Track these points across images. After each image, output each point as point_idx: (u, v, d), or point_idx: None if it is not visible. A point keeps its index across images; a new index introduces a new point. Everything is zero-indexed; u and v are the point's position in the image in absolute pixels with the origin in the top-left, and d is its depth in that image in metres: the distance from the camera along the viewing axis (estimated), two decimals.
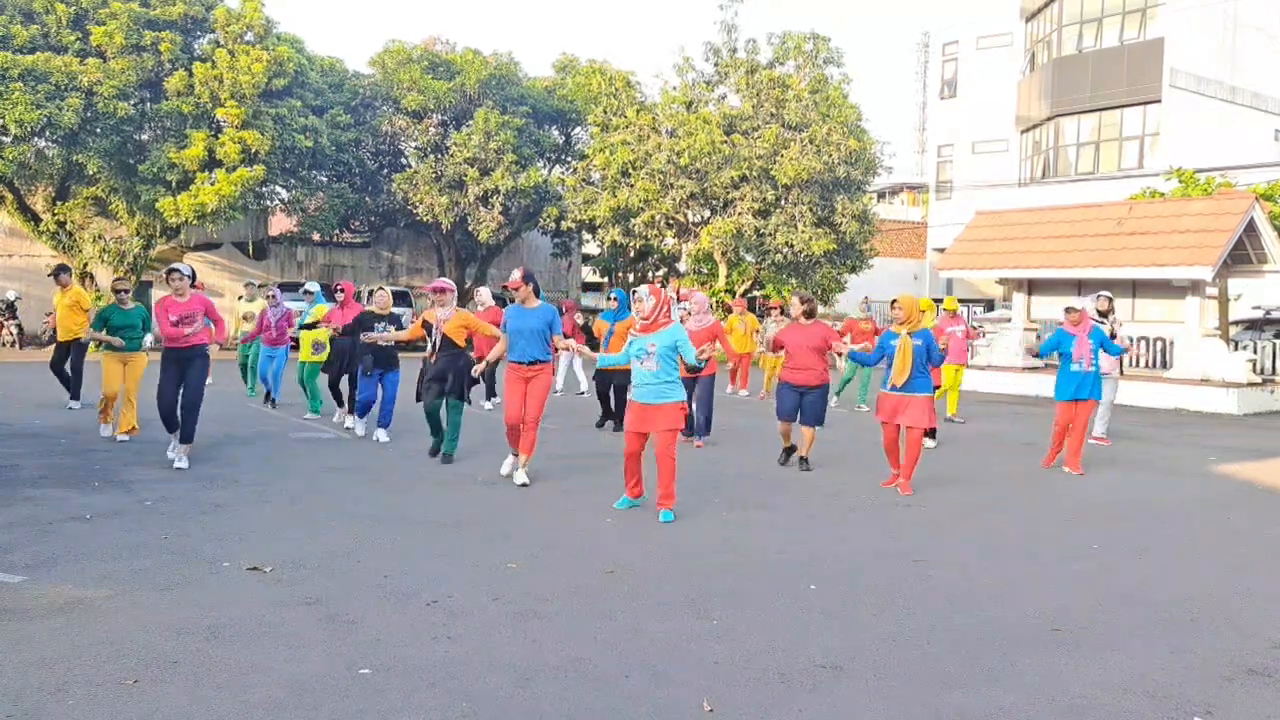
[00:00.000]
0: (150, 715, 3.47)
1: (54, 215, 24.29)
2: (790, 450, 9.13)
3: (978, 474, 9.09)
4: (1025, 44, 31.41)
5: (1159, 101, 26.66)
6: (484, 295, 12.92)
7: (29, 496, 6.95)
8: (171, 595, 4.81)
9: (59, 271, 12.20)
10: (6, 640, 4.14)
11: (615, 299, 11.06)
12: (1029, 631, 4.59)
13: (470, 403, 9.04)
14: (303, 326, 11.71)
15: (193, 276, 8.63)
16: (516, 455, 7.97)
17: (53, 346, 12.21)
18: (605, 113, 25.53)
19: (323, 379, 11.43)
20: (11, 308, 24.18)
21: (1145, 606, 5.04)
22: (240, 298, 14.84)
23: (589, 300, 34.19)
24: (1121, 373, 11.50)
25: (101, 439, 9.63)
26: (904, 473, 8.01)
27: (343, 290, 11.13)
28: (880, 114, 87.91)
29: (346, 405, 10.89)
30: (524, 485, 7.77)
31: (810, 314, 8.92)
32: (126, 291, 9.79)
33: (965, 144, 33.15)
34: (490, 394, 13.30)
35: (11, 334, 23.83)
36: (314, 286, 12.56)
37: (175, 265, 8.62)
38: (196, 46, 23.51)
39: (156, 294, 24.49)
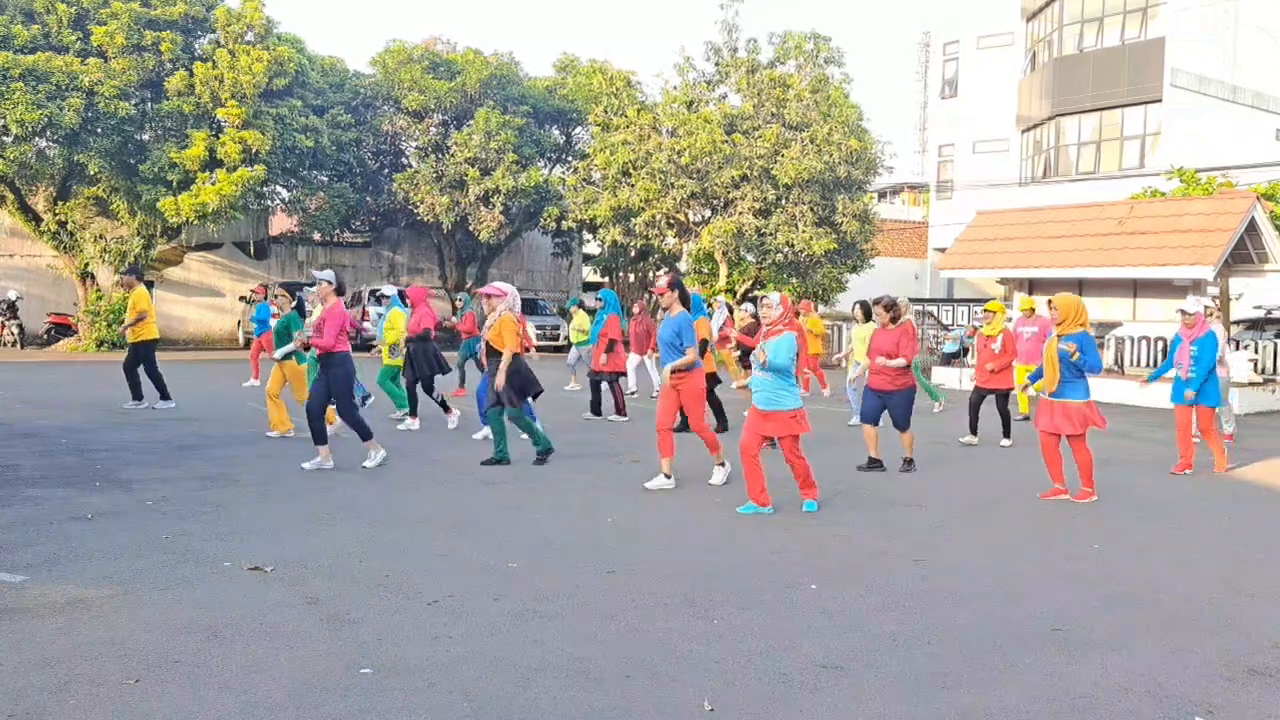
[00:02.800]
0: (151, 714, 3.47)
1: (55, 215, 24.31)
2: (874, 461, 9.02)
3: (978, 474, 9.08)
4: (1026, 43, 31.39)
5: (1160, 101, 26.65)
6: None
7: (30, 496, 6.96)
8: (172, 595, 4.81)
9: (129, 272, 12.65)
10: (8, 640, 4.14)
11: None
12: (1029, 631, 4.59)
13: (513, 405, 8.60)
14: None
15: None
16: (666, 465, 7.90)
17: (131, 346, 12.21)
18: (606, 112, 25.53)
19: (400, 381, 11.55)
20: (13, 307, 24.19)
21: (1145, 606, 5.04)
22: (241, 298, 14.85)
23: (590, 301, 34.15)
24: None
25: (102, 439, 9.64)
26: (1083, 479, 7.75)
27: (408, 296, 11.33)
28: (881, 114, 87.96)
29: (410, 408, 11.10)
30: (723, 484, 7.93)
31: (895, 319, 8.90)
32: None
33: (966, 143, 33.13)
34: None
35: (12, 334, 23.84)
36: (389, 290, 12.46)
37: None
38: (197, 46, 23.53)
39: (158, 293, 24.52)
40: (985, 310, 11.19)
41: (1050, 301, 7.94)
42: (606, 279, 32.56)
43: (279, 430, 10.04)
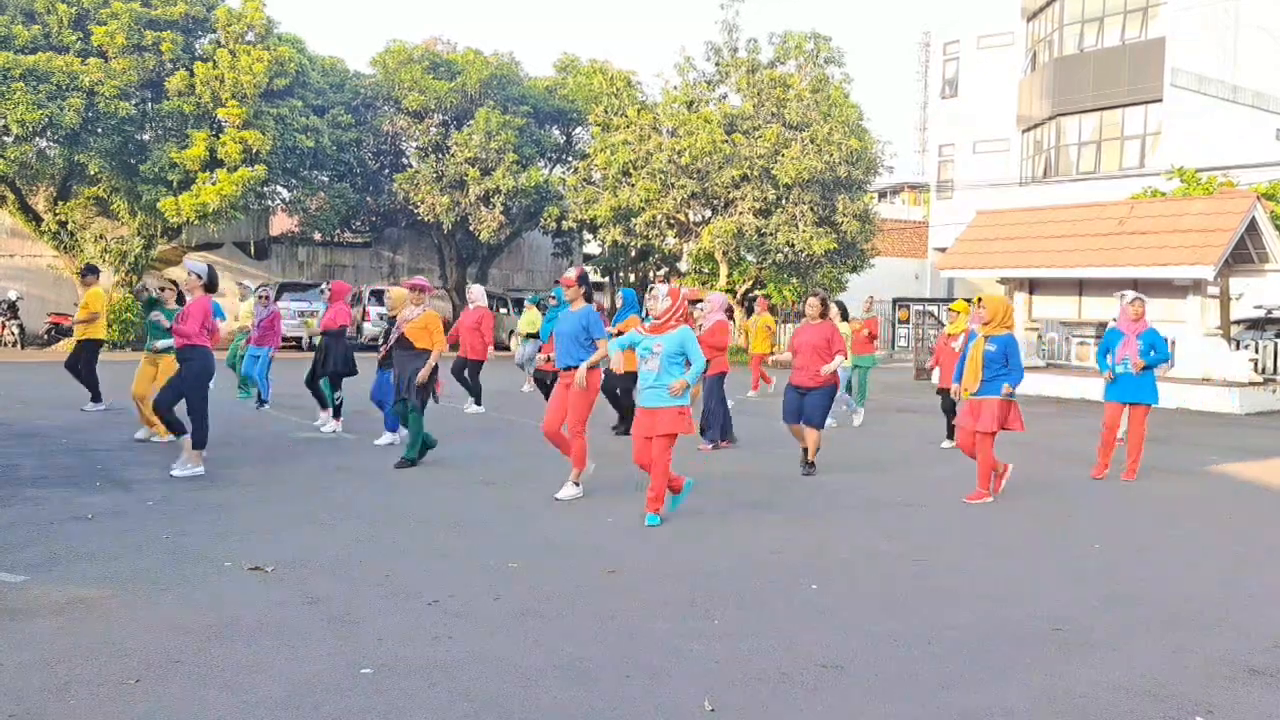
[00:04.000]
0: (152, 714, 3.47)
1: (55, 215, 24.31)
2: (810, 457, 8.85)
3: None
4: (1026, 43, 31.39)
5: (1160, 101, 26.64)
6: (475, 293, 12.75)
7: (30, 496, 6.96)
8: (173, 595, 4.81)
9: (90, 271, 12.45)
10: (8, 640, 4.14)
11: (623, 299, 11.00)
12: (1030, 631, 4.59)
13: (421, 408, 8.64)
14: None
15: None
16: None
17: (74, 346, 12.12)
18: (606, 112, 25.53)
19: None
20: (13, 308, 24.19)
21: (1145, 606, 5.04)
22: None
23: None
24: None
25: (102, 439, 9.64)
26: (979, 478, 7.71)
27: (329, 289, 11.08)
28: (881, 114, 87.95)
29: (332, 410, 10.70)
30: (568, 499, 7.30)
31: (824, 314, 8.71)
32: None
33: (966, 143, 33.13)
34: (478, 399, 12.85)
35: (13, 334, 23.84)
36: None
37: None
38: (198, 46, 23.53)
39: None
40: (950, 309, 11.14)
41: (979, 300, 7.91)
42: (606, 279, 32.55)
43: (159, 434, 9.44)
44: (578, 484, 7.43)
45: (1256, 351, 17.44)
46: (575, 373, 7.18)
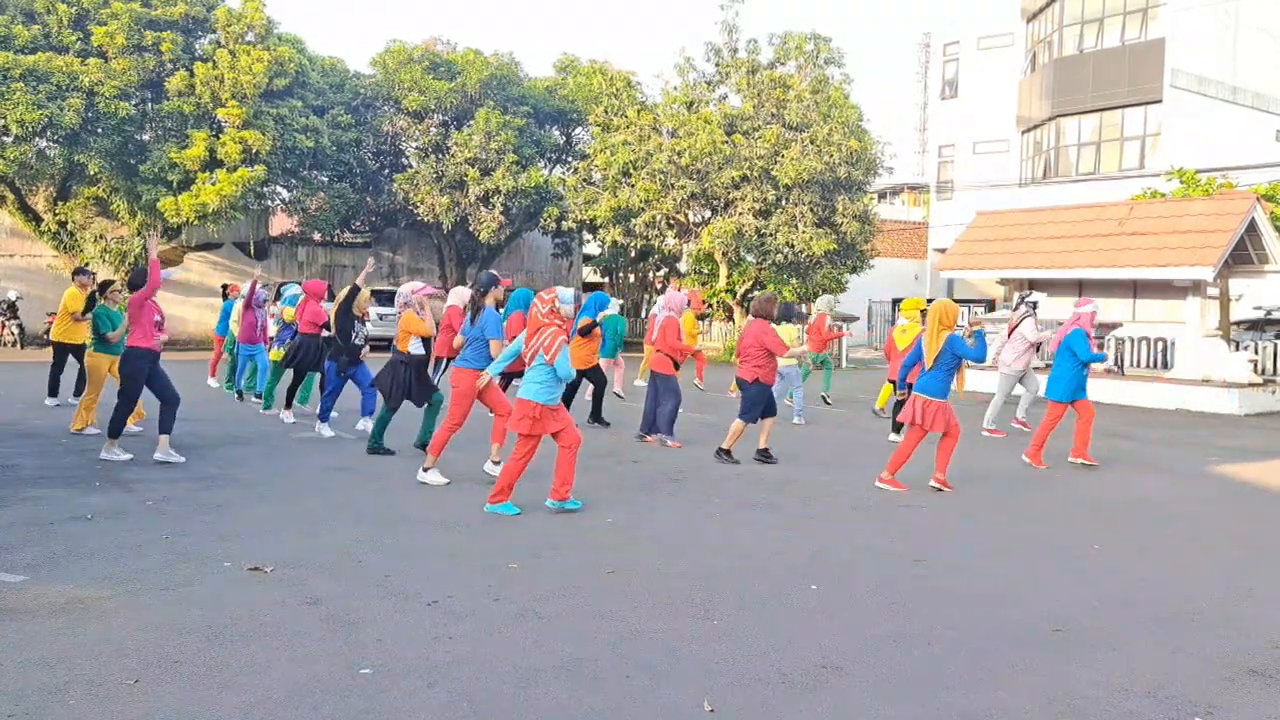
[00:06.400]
0: (151, 715, 3.47)
1: (55, 215, 24.31)
2: (761, 451, 9.32)
3: (978, 475, 9.08)
4: (1026, 44, 31.40)
5: (1160, 102, 26.65)
6: (455, 294, 12.77)
7: (30, 496, 6.96)
8: (172, 595, 4.81)
9: (83, 272, 12.55)
10: (8, 640, 4.14)
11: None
12: (1030, 632, 4.59)
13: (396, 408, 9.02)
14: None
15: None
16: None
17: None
18: (606, 113, 25.54)
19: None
20: (13, 308, 24.18)
21: (1145, 606, 5.04)
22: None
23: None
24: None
25: (102, 439, 9.62)
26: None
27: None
28: (881, 114, 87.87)
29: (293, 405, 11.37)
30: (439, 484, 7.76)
31: (757, 313, 9.09)
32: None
33: (966, 144, 33.14)
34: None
35: (13, 334, 23.84)
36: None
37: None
38: (198, 46, 23.53)
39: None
40: (902, 313, 11.68)
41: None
42: (606, 279, 32.55)
43: (100, 426, 9.58)
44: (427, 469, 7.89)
45: (1256, 352, 17.42)
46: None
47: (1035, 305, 12.34)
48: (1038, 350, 12.50)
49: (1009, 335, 12.16)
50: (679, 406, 10.46)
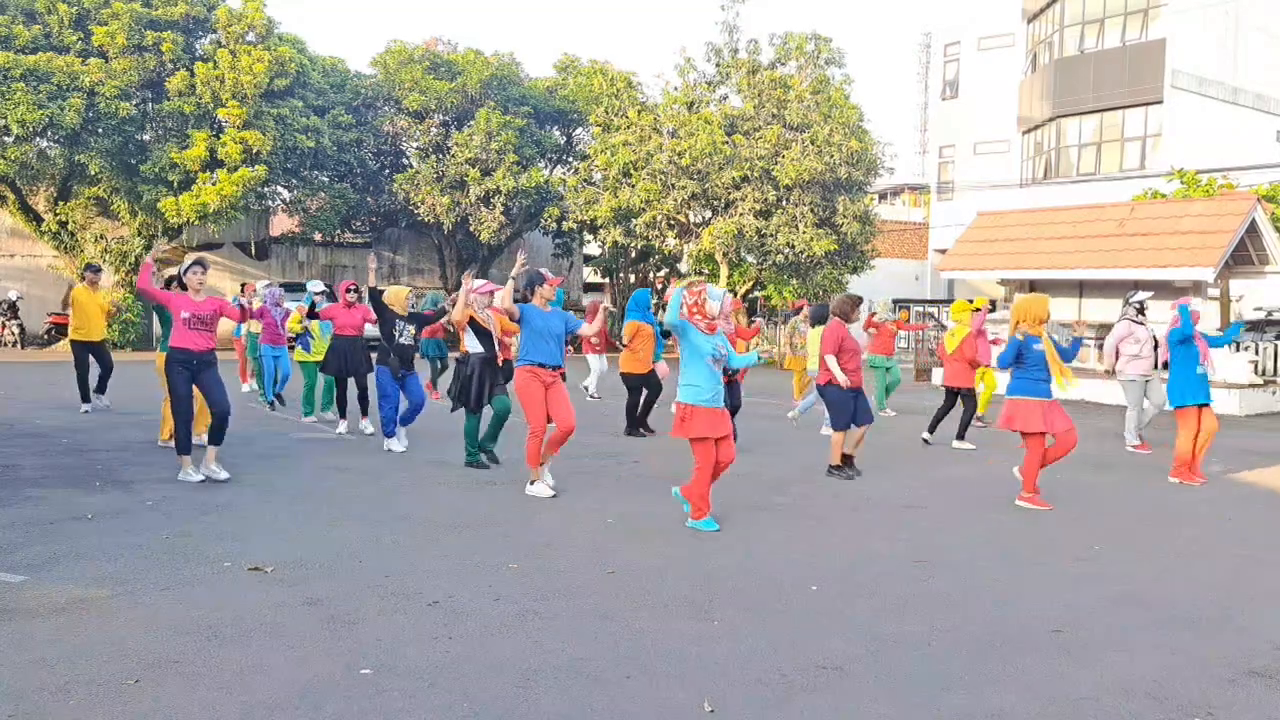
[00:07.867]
0: (151, 715, 3.47)
1: (56, 215, 24.32)
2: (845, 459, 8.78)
3: (978, 475, 9.08)
4: (1027, 45, 31.41)
5: (1161, 102, 26.66)
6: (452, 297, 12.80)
7: (30, 496, 6.96)
8: (173, 595, 4.81)
9: (93, 269, 12.51)
10: (8, 640, 4.14)
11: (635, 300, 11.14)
12: (1030, 632, 4.59)
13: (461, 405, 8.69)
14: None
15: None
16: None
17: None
18: (607, 113, 25.55)
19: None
20: (13, 308, 24.20)
21: (1145, 607, 5.03)
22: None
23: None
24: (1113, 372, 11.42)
25: (102, 439, 9.64)
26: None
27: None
28: (882, 115, 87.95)
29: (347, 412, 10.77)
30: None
31: (835, 314, 8.84)
32: None
33: (967, 145, 33.15)
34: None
35: (13, 334, 23.85)
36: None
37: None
38: (198, 46, 23.56)
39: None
40: (951, 315, 11.43)
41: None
42: (606, 280, 32.56)
43: None
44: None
45: (1257, 353, 17.42)
46: (559, 372, 7.61)
47: (1142, 306, 11.21)
48: (1156, 351, 11.21)
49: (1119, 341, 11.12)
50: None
